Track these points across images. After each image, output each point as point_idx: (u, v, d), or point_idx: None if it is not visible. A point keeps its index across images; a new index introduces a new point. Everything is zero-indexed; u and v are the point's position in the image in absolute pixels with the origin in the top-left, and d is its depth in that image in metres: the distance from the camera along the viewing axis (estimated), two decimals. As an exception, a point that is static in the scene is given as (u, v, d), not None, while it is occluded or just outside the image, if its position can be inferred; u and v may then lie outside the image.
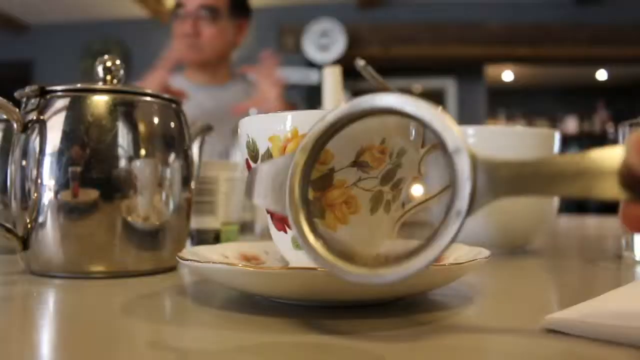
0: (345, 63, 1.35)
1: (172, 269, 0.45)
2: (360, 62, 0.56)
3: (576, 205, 4.12)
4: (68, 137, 0.41)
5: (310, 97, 3.40)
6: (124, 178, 0.41)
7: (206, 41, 1.36)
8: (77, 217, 0.40)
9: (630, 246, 0.52)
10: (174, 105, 0.46)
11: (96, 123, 0.41)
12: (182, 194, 0.45)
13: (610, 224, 1.11)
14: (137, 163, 0.42)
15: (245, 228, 0.70)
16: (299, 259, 0.34)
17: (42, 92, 0.42)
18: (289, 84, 1.74)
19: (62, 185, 0.40)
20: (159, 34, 4.15)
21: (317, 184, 0.31)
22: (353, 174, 0.31)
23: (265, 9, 3.45)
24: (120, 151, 0.41)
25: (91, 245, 0.41)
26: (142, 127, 0.43)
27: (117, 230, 0.41)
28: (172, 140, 0.45)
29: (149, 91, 0.44)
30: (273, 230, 0.35)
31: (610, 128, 5.15)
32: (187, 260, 0.31)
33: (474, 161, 0.22)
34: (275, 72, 1.37)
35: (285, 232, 0.34)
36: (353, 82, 3.90)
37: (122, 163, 0.41)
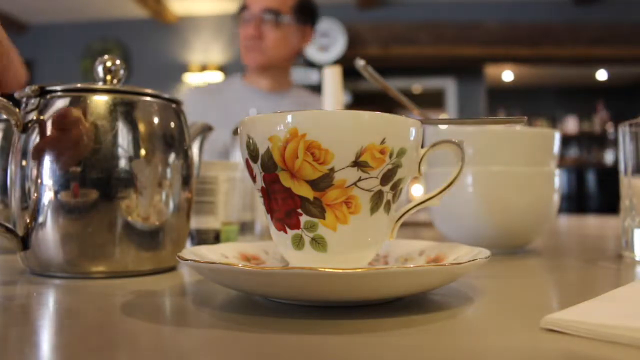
0: (345, 63, 1.35)
1: (172, 269, 0.45)
2: (360, 62, 0.56)
3: (576, 205, 4.12)
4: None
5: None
6: (124, 178, 0.41)
7: (269, 45, 1.34)
8: (77, 217, 0.40)
9: (630, 246, 0.52)
10: (173, 105, 0.46)
11: (96, 123, 0.41)
12: (182, 194, 0.45)
13: (610, 224, 1.11)
14: (137, 163, 0.42)
15: (245, 228, 0.70)
16: (299, 259, 0.34)
17: (42, 92, 0.42)
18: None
19: (62, 185, 0.40)
20: (159, 34, 4.17)
21: (317, 184, 0.31)
22: (353, 174, 0.31)
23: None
24: (120, 151, 0.41)
25: (91, 245, 0.41)
26: (142, 127, 0.43)
27: (117, 230, 0.41)
28: (172, 140, 0.45)
29: (149, 91, 0.44)
30: (273, 230, 0.35)
31: (610, 128, 5.15)
32: (187, 260, 0.31)
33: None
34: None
35: (285, 232, 0.34)
36: (353, 82, 3.92)
37: (122, 163, 0.41)
